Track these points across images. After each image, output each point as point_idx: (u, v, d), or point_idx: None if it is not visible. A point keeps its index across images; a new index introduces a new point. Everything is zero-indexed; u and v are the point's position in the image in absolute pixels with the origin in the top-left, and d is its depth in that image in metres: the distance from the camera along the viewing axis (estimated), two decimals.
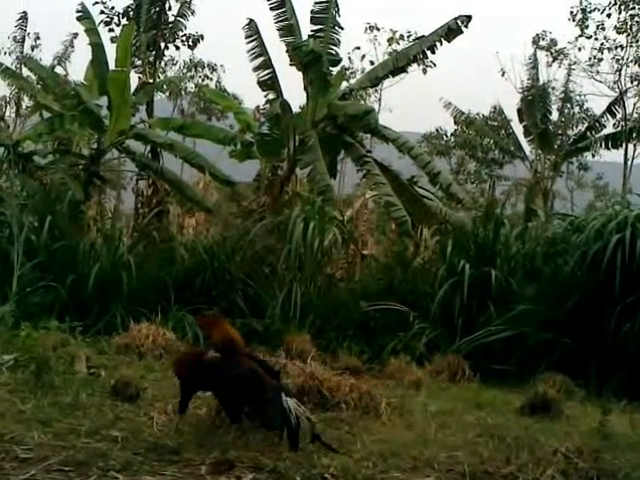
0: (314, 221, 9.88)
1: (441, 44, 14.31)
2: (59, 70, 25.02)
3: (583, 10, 26.10)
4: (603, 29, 26.08)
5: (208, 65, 36.97)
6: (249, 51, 14.71)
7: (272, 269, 9.80)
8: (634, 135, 23.93)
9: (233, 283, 9.56)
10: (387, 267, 10.91)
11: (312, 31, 14.34)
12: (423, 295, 9.66)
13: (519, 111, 25.69)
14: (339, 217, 12.00)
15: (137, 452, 4.61)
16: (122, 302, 9.00)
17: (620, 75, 27.09)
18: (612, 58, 27.10)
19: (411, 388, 7.33)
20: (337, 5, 14.48)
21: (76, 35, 24.58)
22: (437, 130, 37.06)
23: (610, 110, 24.16)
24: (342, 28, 14.51)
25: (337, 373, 6.42)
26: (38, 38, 28.92)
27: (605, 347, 8.09)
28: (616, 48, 26.69)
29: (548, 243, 9.83)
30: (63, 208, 10.28)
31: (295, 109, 14.83)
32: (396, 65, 14.82)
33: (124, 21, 17.66)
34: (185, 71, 36.35)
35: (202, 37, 20.72)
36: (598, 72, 27.89)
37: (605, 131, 23.96)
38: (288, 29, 14.36)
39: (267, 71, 14.64)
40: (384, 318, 9.31)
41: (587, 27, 26.24)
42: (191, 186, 16.56)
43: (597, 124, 24.48)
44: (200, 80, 36.92)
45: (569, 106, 28.39)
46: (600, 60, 27.31)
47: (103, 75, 15.00)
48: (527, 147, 26.18)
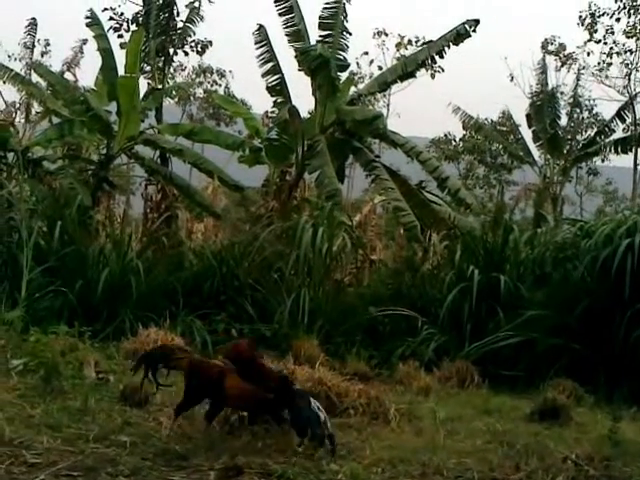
0: (323, 226, 9.87)
1: (449, 48, 14.32)
2: (68, 76, 25.15)
3: (592, 14, 26.02)
4: (612, 33, 25.99)
5: (217, 71, 37.09)
6: (258, 56, 14.78)
7: (280, 274, 9.79)
8: None
9: (242, 288, 9.56)
10: (396, 272, 10.89)
11: (320, 36, 14.40)
12: (432, 300, 9.63)
13: (528, 116, 25.63)
14: (348, 222, 12.00)
15: (146, 457, 4.61)
16: (131, 307, 9.01)
17: (629, 79, 26.99)
18: (621, 62, 27.01)
19: (420, 394, 7.31)
20: (345, 11, 14.53)
21: (85, 41, 24.71)
22: (446, 135, 37.01)
23: (619, 115, 24.08)
24: (350, 33, 14.59)
25: (345, 379, 6.41)
26: (48, 44, 29.12)
27: (615, 353, 8.05)
28: (625, 52, 26.60)
29: (557, 248, 9.79)
30: (72, 213, 10.31)
31: (304, 114, 14.87)
32: (404, 70, 14.84)
33: (133, 27, 17.71)
34: (194, 77, 36.48)
35: (211, 43, 20.77)
36: (607, 76, 27.79)
37: (614, 136, 23.91)
38: (297, 34, 14.41)
39: (276, 76, 14.69)
40: (393, 323, 9.29)
41: (596, 31, 26.16)
42: (200, 191, 16.59)
43: (606, 129, 24.40)
44: (209, 86, 37.05)
45: (578, 111, 28.27)
46: (609, 65, 27.21)
47: (112, 81, 15.06)
48: (536, 152, 26.10)
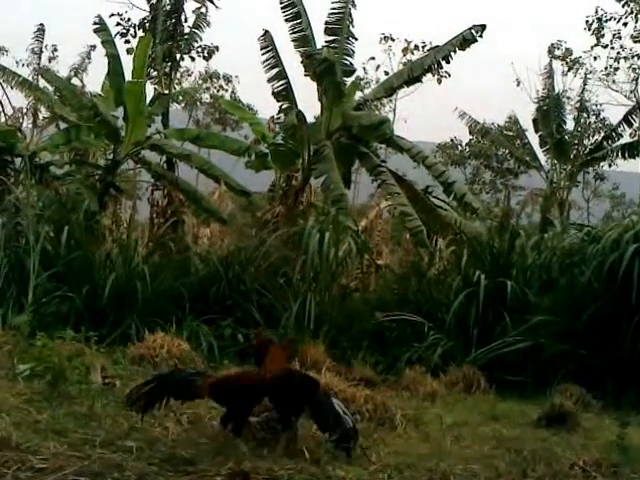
0: (329, 231, 9.87)
1: (455, 53, 14.32)
2: (76, 81, 25.27)
3: (599, 19, 25.98)
4: (619, 38, 25.94)
5: (223, 76, 37.17)
6: (264, 62, 14.81)
7: (287, 279, 9.78)
8: None
9: (248, 293, 9.56)
10: (402, 277, 10.88)
11: (326, 42, 14.42)
12: (438, 305, 9.62)
13: (534, 121, 25.58)
14: (354, 227, 12.00)
15: (152, 463, 4.60)
16: (137, 312, 9.02)
17: (637, 84, 26.95)
18: (628, 67, 26.96)
19: (426, 399, 7.29)
20: (351, 16, 14.55)
21: (94, 47, 24.82)
22: (452, 140, 37.00)
23: (627, 119, 23.99)
24: (356, 39, 14.59)
25: (352, 384, 6.41)
26: (55, 50, 29.28)
27: (622, 358, 8.02)
28: (632, 57, 26.55)
29: (564, 254, 9.77)
30: (79, 218, 10.34)
31: (310, 119, 14.88)
32: (411, 75, 14.83)
33: (140, 33, 17.79)
34: (200, 82, 36.57)
35: (217, 48, 20.85)
36: (614, 81, 27.75)
37: (622, 141, 23.80)
38: (303, 40, 14.43)
39: (282, 82, 14.71)
40: (399, 329, 9.28)
41: (603, 36, 26.12)
42: (206, 196, 16.61)
43: (613, 134, 24.31)
44: (215, 91, 37.12)
45: (585, 116, 28.23)
46: (616, 69, 27.17)
47: (119, 86, 15.11)
48: (543, 157, 26.03)
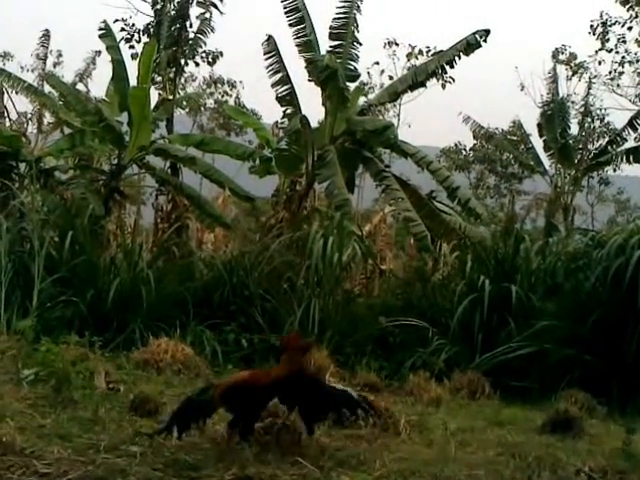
0: (333, 236, 9.86)
1: (459, 58, 14.32)
2: (80, 87, 25.35)
3: (604, 23, 25.93)
4: (624, 42, 25.89)
5: (227, 81, 37.23)
6: (268, 67, 14.84)
7: (291, 284, 9.78)
8: None
9: (252, 298, 9.55)
10: (406, 282, 10.87)
11: (331, 47, 14.44)
12: (442, 311, 9.60)
13: (539, 125, 25.56)
14: (358, 232, 11.99)
15: (156, 468, 4.60)
16: (141, 317, 9.02)
17: None
18: (633, 71, 26.91)
19: (431, 405, 7.27)
20: (356, 21, 14.56)
21: (99, 53, 24.91)
22: (456, 145, 36.98)
23: (631, 124, 23.93)
24: (360, 44, 14.61)
25: (356, 390, 6.38)
26: (60, 55, 29.38)
27: (628, 364, 7.99)
28: (637, 61, 26.49)
29: (569, 258, 9.75)
30: (83, 223, 10.35)
31: (314, 124, 14.89)
32: (415, 80, 14.84)
33: (144, 38, 17.85)
34: (204, 87, 36.63)
35: (222, 54, 20.89)
36: (619, 85, 27.68)
37: (626, 145, 23.76)
38: (307, 45, 14.45)
39: (286, 87, 14.73)
40: (403, 334, 9.25)
41: (608, 40, 26.07)
42: (210, 201, 16.64)
43: (618, 138, 24.27)
44: (219, 96, 37.17)
45: (589, 120, 28.17)
46: (621, 74, 27.12)
47: (124, 92, 15.16)
48: (547, 161, 26.00)
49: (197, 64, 19.55)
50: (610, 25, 25.79)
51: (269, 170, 15.87)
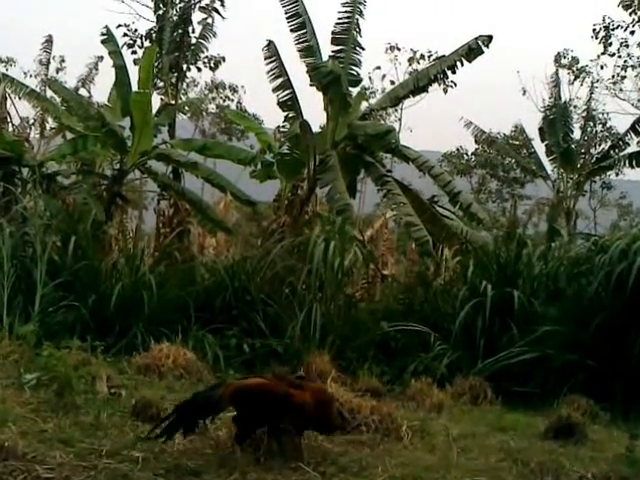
0: (334, 241, 9.86)
1: (462, 64, 14.32)
2: (83, 92, 25.37)
3: (606, 27, 25.93)
4: (627, 46, 25.89)
5: (229, 86, 37.27)
6: (268, 72, 14.85)
7: (292, 289, 9.78)
8: None
9: (253, 303, 9.55)
10: (408, 287, 10.86)
11: (333, 52, 14.45)
12: (444, 316, 9.59)
13: (541, 130, 25.55)
14: (359, 237, 11.99)
15: (158, 473, 4.60)
16: (143, 322, 9.03)
17: None
18: (636, 76, 26.91)
19: (432, 410, 7.25)
20: (358, 26, 14.57)
21: (101, 58, 24.91)
22: (458, 149, 36.98)
23: (634, 128, 23.90)
24: (363, 49, 14.61)
25: (357, 395, 6.38)
26: (63, 61, 29.41)
27: (630, 369, 7.97)
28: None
29: (571, 263, 9.74)
30: (86, 228, 10.37)
31: (315, 129, 14.90)
32: (417, 85, 14.83)
33: (147, 43, 17.88)
34: (206, 92, 36.67)
35: (224, 59, 20.93)
36: (621, 90, 27.70)
37: (629, 149, 23.71)
38: (308, 50, 14.47)
39: (287, 92, 14.74)
40: (405, 339, 9.25)
41: (610, 44, 26.07)
42: (212, 206, 16.65)
43: (621, 142, 24.24)
44: (221, 101, 37.20)
45: (592, 124, 28.19)
46: (623, 78, 27.12)
47: (126, 97, 15.18)
48: (549, 166, 25.98)
49: (199, 69, 19.57)
50: (612, 29, 25.79)
51: (270, 175, 15.87)
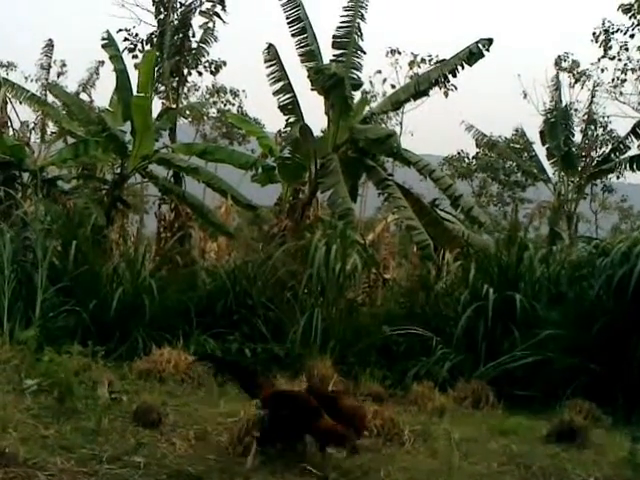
0: (336, 245, 9.85)
1: (462, 68, 14.32)
2: (84, 96, 25.43)
3: (606, 31, 26.00)
4: (626, 50, 25.95)
5: (230, 90, 37.35)
6: (269, 75, 14.83)
7: (294, 293, 9.76)
8: None
9: (255, 308, 9.54)
10: (409, 291, 10.83)
11: (334, 55, 14.44)
12: (446, 320, 9.57)
13: (542, 133, 25.58)
14: (361, 241, 11.97)
15: (159, 479, 4.61)
16: (144, 326, 9.01)
17: None
18: (636, 79, 26.99)
19: (434, 415, 7.23)
20: (360, 29, 14.57)
21: (102, 63, 24.98)
22: (459, 153, 37.03)
23: (634, 131, 23.93)
24: (364, 52, 14.61)
25: (359, 399, 6.36)
26: (64, 65, 29.51)
27: (633, 373, 7.95)
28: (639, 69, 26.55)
29: (573, 267, 9.72)
30: (86, 233, 10.36)
31: (316, 133, 14.89)
32: (417, 89, 14.83)
33: (148, 48, 17.93)
34: (207, 97, 36.74)
35: (224, 63, 21.00)
36: (622, 93, 27.76)
37: (630, 153, 23.76)
38: (309, 54, 14.46)
39: (287, 95, 14.74)
40: (406, 343, 9.22)
41: (610, 48, 26.12)
42: (213, 210, 16.63)
43: (621, 146, 24.28)
44: (222, 105, 37.29)
45: (593, 128, 28.22)
46: (624, 81, 27.19)
47: (127, 101, 15.20)
48: (550, 169, 26.03)
49: (200, 73, 19.67)
50: (612, 33, 25.86)
51: (271, 179, 15.88)
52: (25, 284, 9.19)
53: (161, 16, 18.04)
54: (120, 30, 18.14)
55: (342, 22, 14.59)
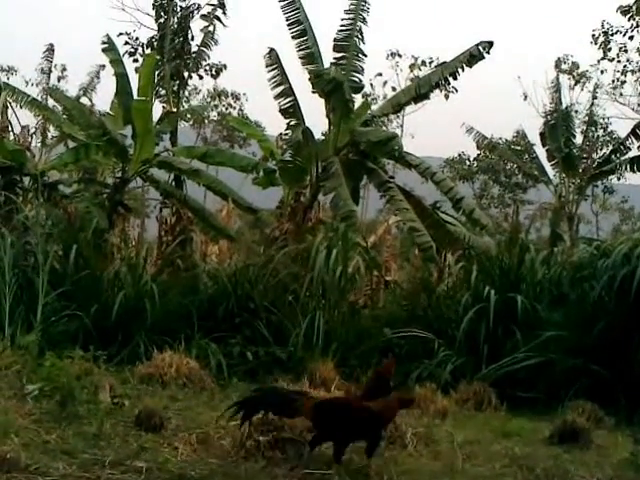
0: (337, 248, 9.85)
1: (463, 70, 14.33)
2: (85, 100, 25.42)
3: (605, 33, 26.01)
4: (626, 51, 25.96)
5: (231, 94, 37.40)
6: (270, 79, 14.87)
7: (295, 296, 9.75)
8: None
9: (256, 311, 9.52)
10: (411, 293, 10.81)
11: (335, 58, 14.46)
12: (448, 322, 9.55)
13: (542, 135, 25.58)
14: (362, 243, 11.96)
15: None
16: (146, 331, 8.99)
17: None
18: (635, 80, 27.01)
19: (437, 417, 7.22)
20: (361, 32, 14.59)
21: (103, 67, 24.98)
22: (460, 155, 37.06)
23: (635, 133, 23.93)
24: (365, 55, 14.63)
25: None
26: (65, 69, 29.54)
27: (635, 374, 7.94)
28: (639, 70, 26.55)
29: (574, 268, 9.71)
30: (87, 237, 10.35)
31: (317, 136, 14.90)
32: (418, 92, 14.83)
33: (148, 51, 17.91)
34: (208, 100, 36.78)
35: (225, 66, 20.98)
36: (622, 94, 27.78)
37: (630, 154, 23.77)
38: (310, 57, 14.48)
39: (288, 99, 14.75)
40: (408, 345, 9.21)
41: (610, 50, 26.13)
42: (214, 214, 16.62)
43: (622, 147, 24.27)
44: (223, 108, 37.32)
45: (593, 129, 28.24)
46: (623, 83, 27.21)
47: (127, 105, 15.20)
48: (551, 171, 26.03)
49: (201, 77, 19.62)
50: (612, 34, 25.87)
51: (273, 182, 15.87)
52: (26, 289, 9.18)
53: (161, 20, 18.02)
54: (120, 34, 18.09)
55: (343, 25, 14.61)
